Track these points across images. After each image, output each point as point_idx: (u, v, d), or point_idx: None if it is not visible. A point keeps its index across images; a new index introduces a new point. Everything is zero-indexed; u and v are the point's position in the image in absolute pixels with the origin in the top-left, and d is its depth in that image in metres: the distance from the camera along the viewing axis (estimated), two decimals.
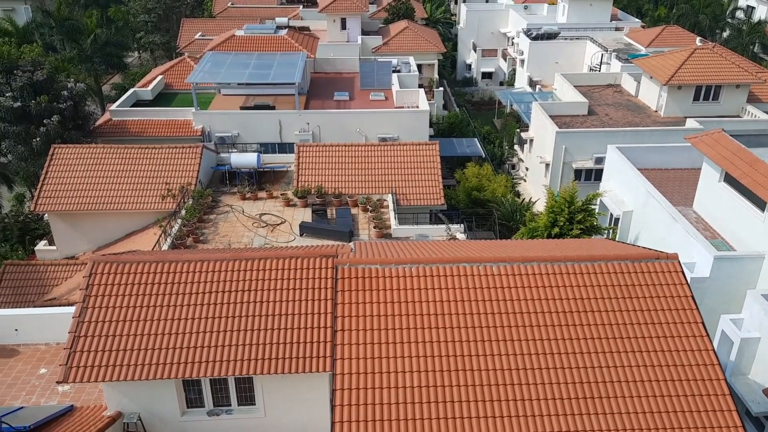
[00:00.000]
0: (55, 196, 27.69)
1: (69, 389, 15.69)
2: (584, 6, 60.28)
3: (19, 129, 32.51)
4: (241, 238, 25.48)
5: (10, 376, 16.32)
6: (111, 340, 13.80)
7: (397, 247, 17.72)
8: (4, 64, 33.04)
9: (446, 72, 67.83)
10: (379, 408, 11.83)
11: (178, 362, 13.60)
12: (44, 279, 26.40)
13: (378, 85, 42.54)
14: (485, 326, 13.14)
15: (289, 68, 38.24)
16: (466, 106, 61.19)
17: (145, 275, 14.72)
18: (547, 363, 12.93)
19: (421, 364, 12.46)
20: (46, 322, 17.48)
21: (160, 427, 14.41)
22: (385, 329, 12.92)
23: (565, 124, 39.47)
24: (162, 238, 24.89)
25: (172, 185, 27.93)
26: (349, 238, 24.68)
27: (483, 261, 14.10)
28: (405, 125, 36.83)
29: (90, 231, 28.24)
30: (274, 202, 28.49)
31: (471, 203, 35.75)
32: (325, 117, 37.06)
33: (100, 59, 51.77)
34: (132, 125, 36.50)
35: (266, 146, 36.24)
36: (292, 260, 15.01)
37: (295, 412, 14.43)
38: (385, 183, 28.96)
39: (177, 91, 42.44)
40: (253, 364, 13.55)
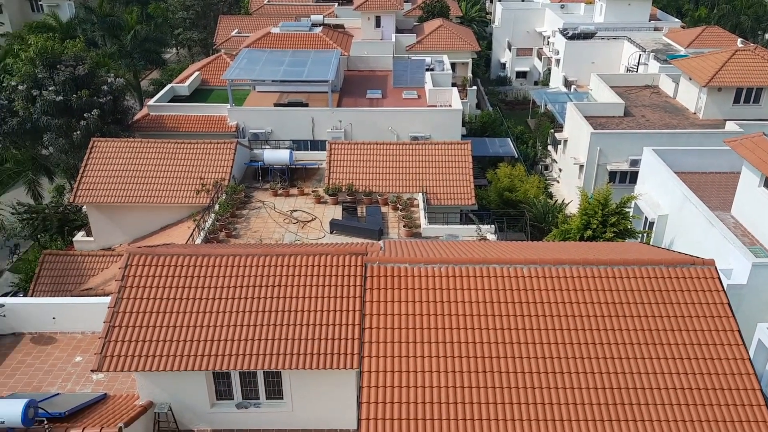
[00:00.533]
0: (93, 188, 28.34)
1: (103, 378, 16.07)
2: (622, 5, 59.22)
3: (60, 122, 33.34)
4: (272, 233, 25.75)
5: (47, 363, 16.79)
6: (144, 330, 14.09)
7: (426, 246, 17.71)
8: (48, 58, 33.88)
9: (480, 71, 67.40)
10: (405, 407, 11.86)
11: (209, 354, 13.81)
12: (81, 269, 27.08)
13: (411, 84, 42.50)
14: (515, 328, 13.05)
15: (322, 66, 38.46)
16: (499, 106, 60.73)
17: (179, 268, 14.99)
18: (576, 367, 12.79)
19: (449, 365, 12.44)
20: (82, 311, 17.91)
21: (190, 418, 14.65)
22: (413, 328, 12.93)
23: (601, 125, 38.87)
24: (195, 231, 25.31)
25: (207, 180, 28.36)
26: (379, 237, 24.74)
27: (514, 263, 14.00)
28: (437, 124, 36.72)
29: (126, 223, 28.85)
30: (305, 199, 28.71)
31: (502, 204, 35.50)
32: (358, 115, 37.17)
33: (140, 55, 52.80)
34: (169, 120, 37.17)
35: (299, 143, 36.55)
36: (321, 257, 15.12)
37: (322, 407, 14.54)
38: (415, 182, 28.93)
39: (213, 87, 43.07)
40: (281, 359, 13.69)
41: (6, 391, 15.56)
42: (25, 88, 33.33)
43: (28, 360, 16.87)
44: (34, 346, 17.41)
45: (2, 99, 34.17)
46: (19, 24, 62.85)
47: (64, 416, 13.14)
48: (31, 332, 17.82)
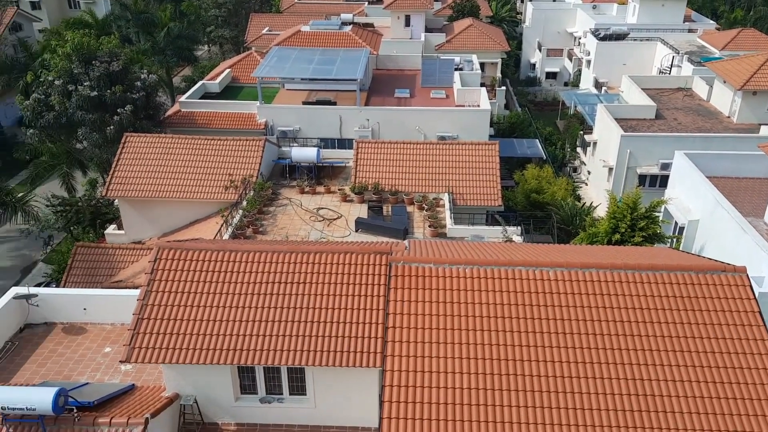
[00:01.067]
0: (125, 182, 28.88)
1: (131, 369, 16.38)
2: (656, 6, 58.29)
3: (94, 117, 34.01)
4: (298, 230, 25.94)
5: (78, 353, 17.17)
6: (172, 323, 14.31)
7: (451, 246, 17.68)
8: (84, 54, 34.57)
9: (509, 71, 66.97)
10: (427, 407, 11.87)
11: (234, 349, 13.98)
12: (112, 261, 27.63)
13: (439, 83, 42.44)
14: (540, 331, 12.97)
15: (351, 64, 38.61)
16: (528, 106, 60.27)
17: (207, 263, 15.18)
18: (602, 373, 12.65)
19: (472, 366, 12.41)
20: (112, 303, 18.26)
21: (214, 411, 14.86)
22: (437, 329, 12.93)
23: (631, 128, 38.34)
24: (223, 227, 25.64)
25: (235, 176, 28.68)
26: (404, 236, 24.76)
27: (540, 265, 13.91)
28: (465, 124, 36.60)
29: (156, 217, 29.33)
30: (331, 197, 28.86)
31: (529, 206, 35.24)
32: (385, 114, 37.23)
33: (172, 52, 53.62)
34: (199, 117, 37.69)
35: (326, 141, 36.75)
36: (346, 255, 15.19)
37: (344, 404, 14.62)
38: (442, 182, 28.87)
39: (243, 84, 43.55)
40: (305, 355, 13.79)
41: (37, 379, 15.97)
42: (62, 83, 34.07)
43: (59, 349, 17.28)
44: (65, 336, 17.83)
45: (39, 93, 34.95)
46: (57, 20, 64.32)
47: (93, 405, 13.42)
48: (63, 322, 18.24)
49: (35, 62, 44.57)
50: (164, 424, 13.95)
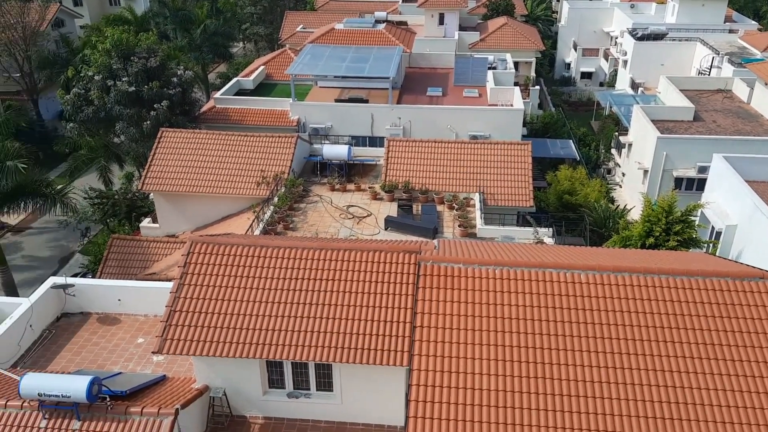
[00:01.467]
0: (160, 177, 29.39)
1: (163, 359, 16.70)
2: (696, 6, 56.97)
3: (132, 112, 34.67)
4: (328, 227, 26.08)
5: (112, 343, 17.58)
6: (203, 316, 14.54)
7: (481, 247, 17.58)
8: (123, 50, 35.27)
9: (544, 70, 66.25)
10: (454, 407, 11.83)
11: (263, 343, 14.13)
12: (146, 254, 28.16)
13: (472, 82, 42.18)
14: (569, 335, 12.81)
15: (384, 62, 38.63)
16: (562, 107, 59.55)
17: (238, 257, 15.38)
18: (632, 378, 12.42)
19: (500, 368, 12.32)
20: (146, 294, 18.66)
21: (243, 404, 15.05)
22: (465, 329, 12.87)
23: (668, 130, 37.57)
24: (255, 223, 25.92)
25: (267, 173, 28.95)
26: (433, 235, 24.70)
27: (571, 268, 13.72)
28: (497, 123, 36.33)
29: (190, 212, 29.79)
30: (361, 195, 28.94)
31: (561, 207, 34.83)
32: (417, 112, 37.18)
33: (208, 48, 54.38)
34: (233, 113, 38.17)
35: (357, 139, 36.84)
36: (376, 253, 15.22)
37: (370, 402, 14.67)
38: (473, 181, 28.69)
39: (277, 81, 43.94)
40: (332, 352, 13.87)
41: (73, 367, 16.39)
42: (101, 79, 34.80)
43: (94, 339, 17.71)
44: (100, 325, 18.26)
45: (79, 88, 35.76)
46: (98, 16, 65.76)
47: (126, 395, 13.71)
48: (98, 312, 18.70)
49: (76, 58, 45.67)
50: (194, 416, 14.18)
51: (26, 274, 35.38)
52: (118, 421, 12.89)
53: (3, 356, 16.18)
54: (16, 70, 50.38)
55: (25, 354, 17.00)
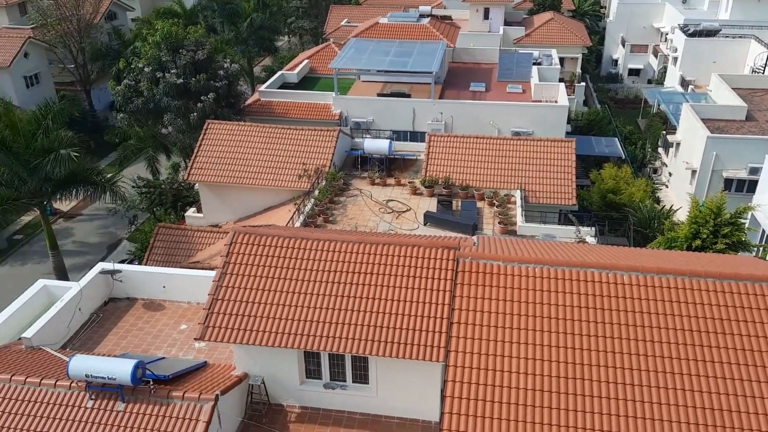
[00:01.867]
0: (205, 168, 29.99)
1: (204, 346, 17.11)
2: (750, 2, 54.95)
3: (179, 104, 35.41)
4: (367, 221, 26.20)
5: (156, 328, 18.09)
6: (244, 305, 14.84)
7: (521, 245, 17.42)
8: (172, 43, 36.01)
9: (590, 66, 64.98)
10: (490, 405, 11.79)
11: (302, 334, 14.35)
12: (191, 243, 28.81)
13: (516, 78, 41.66)
14: (610, 336, 12.60)
15: (427, 57, 38.49)
16: (608, 104, 58.34)
17: (279, 249, 15.62)
18: (674, 383, 12.16)
19: (537, 368, 12.22)
20: (189, 282, 19.11)
21: (280, 393, 15.32)
22: (503, 327, 12.80)
23: (719, 129, 36.45)
24: (295, 215, 26.23)
25: (309, 166, 29.24)
26: (473, 232, 24.58)
27: (614, 269, 13.47)
28: (541, 120, 35.84)
29: (233, 202, 30.35)
30: (401, 190, 28.96)
31: (605, 206, 34.18)
32: (459, 107, 36.96)
33: (254, 42, 55.05)
34: (277, 106, 38.61)
35: (398, 134, 36.85)
36: (415, 248, 15.26)
37: (405, 396, 14.75)
38: (514, 178, 28.41)
39: (320, 75, 44.24)
40: (369, 345, 13.99)
41: (118, 350, 16.94)
42: (151, 70, 35.62)
43: (139, 324, 18.26)
44: (145, 311, 18.81)
45: (130, 80, 36.68)
46: (148, 9, 67.26)
47: (168, 379, 14.11)
48: (144, 298, 19.27)
49: (127, 50, 46.84)
50: (233, 402, 14.51)
51: (76, 259, 36.64)
52: (161, 405, 13.29)
53: (53, 337, 16.83)
54: (71, 61, 52.03)
55: (73, 336, 17.65)
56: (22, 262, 37.17)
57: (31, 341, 16.20)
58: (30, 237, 39.42)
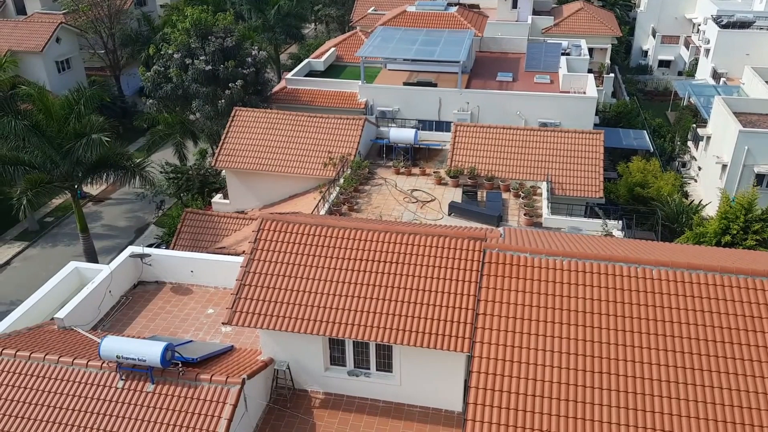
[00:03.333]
0: (233, 154, 30.27)
1: (230, 330, 17.36)
2: None
3: (208, 90, 35.68)
4: (391, 211, 26.25)
5: (183, 312, 18.39)
6: (271, 291, 15.01)
7: (548, 237, 17.33)
8: (201, 30, 36.26)
9: (619, 57, 63.97)
10: (514, 397, 11.81)
11: (327, 321, 14.49)
12: (217, 228, 29.13)
13: (544, 68, 41.24)
14: (637, 331, 12.50)
15: (454, 46, 38.24)
16: (637, 95, 57.45)
17: (306, 236, 15.75)
18: (702, 380, 12.00)
19: (563, 361, 12.19)
20: (216, 267, 19.37)
21: (305, 379, 15.51)
22: (529, 319, 12.77)
23: (751, 123, 35.72)
24: (320, 203, 26.38)
25: (334, 154, 29.34)
26: (498, 223, 24.50)
27: (642, 263, 13.33)
28: (569, 111, 35.47)
29: (259, 189, 30.60)
30: (426, 179, 28.94)
31: (632, 200, 33.80)
32: (486, 97, 36.71)
33: (281, 29, 55.13)
34: (304, 94, 38.74)
35: (424, 123, 36.75)
36: (441, 238, 15.28)
37: (429, 386, 14.83)
38: (540, 170, 28.22)
39: (346, 63, 44.23)
40: (393, 333, 14.08)
41: (147, 332, 17.27)
42: (180, 57, 35.93)
43: (167, 307, 18.57)
44: (173, 295, 19.12)
45: (159, 66, 37.05)
46: None
47: (196, 362, 14.36)
48: (172, 282, 19.57)
49: (156, 36, 47.25)
50: (259, 386, 14.73)
51: (105, 242, 37.32)
52: (189, 387, 13.55)
53: (84, 318, 17.21)
54: (101, 47, 52.69)
55: (104, 318, 18.02)
56: (53, 244, 37.98)
57: (63, 322, 16.59)
58: (60, 219, 40.23)
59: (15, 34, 48.46)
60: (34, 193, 27.89)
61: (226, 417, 13.04)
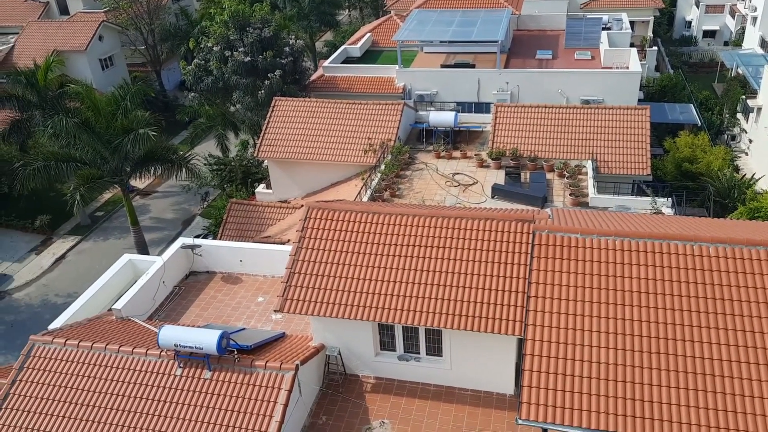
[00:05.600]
0: (274, 144, 30.55)
1: (280, 318, 17.65)
2: None
3: (247, 82, 36.05)
4: (433, 195, 26.14)
5: (234, 300, 18.78)
6: (320, 278, 15.18)
7: (596, 217, 17.03)
8: (240, 21, 36.56)
9: (662, 30, 62.01)
10: (570, 379, 11.71)
11: (376, 306, 14.60)
12: (261, 218, 29.56)
13: (585, 44, 40.30)
14: (695, 310, 12.19)
15: (492, 26, 37.68)
16: (681, 68, 55.68)
17: (353, 223, 15.84)
18: (758, 358, 11.72)
19: (618, 342, 12.00)
20: (264, 256, 19.69)
21: (356, 364, 15.69)
22: (581, 301, 12.60)
23: None
24: (362, 189, 26.45)
25: (374, 140, 29.33)
26: (543, 204, 24.17)
27: (698, 240, 12.96)
28: (612, 87, 34.61)
29: (300, 178, 30.84)
30: (467, 162, 28.67)
31: (680, 176, 32.91)
32: (525, 76, 36.13)
33: (316, 17, 55.21)
34: (341, 81, 38.77)
35: (463, 105, 36.37)
36: (488, 222, 15.17)
37: (479, 369, 14.83)
38: (585, 148, 27.64)
39: (383, 48, 44.04)
40: (443, 318, 14.10)
41: (201, 321, 17.70)
42: (219, 49, 36.34)
43: (219, 296, 19.00)
44: (224, 284, 19.53)
45: (200, 59, 37.56)
46: None
47: (250, 349, 14.68)
48: (222, 272, 19.98)
49: (194, 29, 47.86)
50: (311, 372, 14.98)
51: (154, 234, 38.29)
52: (244, 373, 13.85)
53: (140, 309, 17.74)
54: (141, 43, 53.69)
55: (159, 308, 18.53)
56: (104, 237, 39.16)
57: (120, 312, 17.13)
58: (110, 213, 41.42)
59: (60, 34, 49.82)
60: (87, 188, 28.73)
61: (282, 402, 13.30)
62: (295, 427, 14.15)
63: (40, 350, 14.93)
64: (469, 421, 14.41)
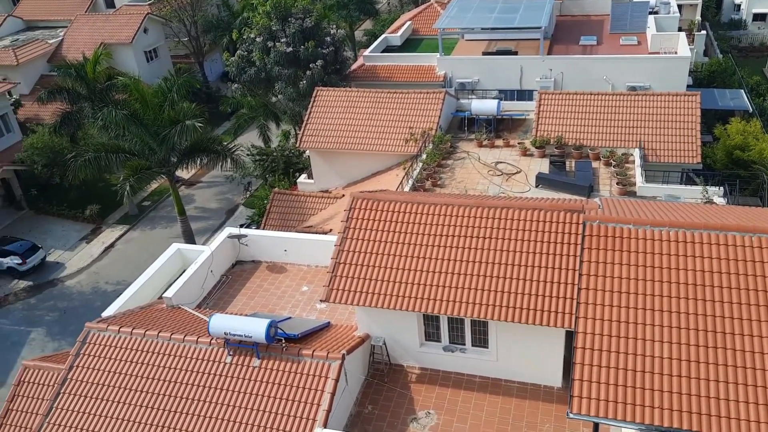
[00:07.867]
0: (315, 134, 30.66)
1: (325, 307, 17.81)
2: None
3: (289, 72, 36.24)
4: (476, 185, 25.89)
5: (280, 290, 19.02)
6: (365, 269, 15.23)
7: (646, 206, 16.61)
8: (281, 12, 36.72)
9: (710, 13, 59.92)
10: (622, 373, 11.47)
11: (421, 297, 14.59)
12: (304, 208, 29.80)
13: (630, 29, 39.28)
14: (753, 304, 11.76)
15: (535, 12, 37.02)
16: (731, 53, 53.74)
17: (397, 213, 15.83)
18: None
19: (673, 336, 11.69)
20: (308, 246, 19.88)
21: (401, 354, 15.74)
22: (635, 293, 12.32)
23: None
24: (404, 179, 26.37)
25: (415, 129, 29.18)
26: (589, 193, 23.72)
27: (758, 232, 12.50)
28: (659, 73, 33.70)
29: (342, 168, 30.93)
30: (510, 151, 28.31)
31: (731, 164, 31.82)
32: (569, 63, 35.44)
33: (355, 6, 55.12)
34: (381, 70, 38.64)
35: (505, 93, 35.91)
36: (536, 212, 14.97)
37: (526, 361, 14.71)
38: (632, 136, 27.00)
39: (423, 36, 43.72)
40: (490, 309, 14.01)
41: (248, 310, 17.99)
42: (262, 40, 36.58)
43: (264, 285, 19.27)
44: (269, 273, 19.80)
45: (243, 50, 37.90)
46: None
47: (297, 338, 14.84)
48: (267, 261, 20.26)
49: (236, 20, 48.29)
50: (357, 361, 15.09)
51: (199, 224, 39.01)
52: (292, 362, 14.04)
53: (189, 297, 18.12)
54: (185, 35, 54.49)
55: (207, 296, 18.91)
56: (151, 227, 40.10)
57: (171, 300, 17.53)
58: (156, 203, 42.36)
59: (106, 27, 50.96)
60: (136, 179, 29.41)
61: (329, 391, 13.44)
62: (342, 415, 14.30)
63: (95, 337, 15.40)
64: (516, 413, 14.33)
